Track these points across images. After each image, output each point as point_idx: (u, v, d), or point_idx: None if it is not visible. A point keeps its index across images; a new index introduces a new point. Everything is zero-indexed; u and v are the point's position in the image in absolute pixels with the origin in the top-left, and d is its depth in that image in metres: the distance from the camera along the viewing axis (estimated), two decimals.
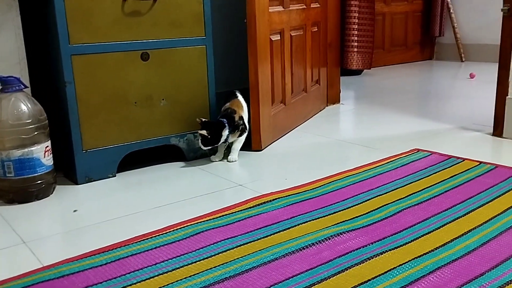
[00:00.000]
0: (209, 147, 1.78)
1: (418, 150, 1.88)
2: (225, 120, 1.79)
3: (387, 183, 1.53)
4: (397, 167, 1.68)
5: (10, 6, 1.56)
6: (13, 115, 1.43)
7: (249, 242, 1.17)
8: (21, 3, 1.60)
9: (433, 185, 1.50)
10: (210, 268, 1.05)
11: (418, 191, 1.46)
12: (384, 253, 1.09)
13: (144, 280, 1.02)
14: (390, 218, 1.28)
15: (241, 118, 1.86)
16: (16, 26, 1.58)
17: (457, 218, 1.26)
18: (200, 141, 1.76)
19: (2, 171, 1.45)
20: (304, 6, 2.33)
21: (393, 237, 1.17)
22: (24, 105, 1.46)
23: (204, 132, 1.72)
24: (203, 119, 1.76)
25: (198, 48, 1.80)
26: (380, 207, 1.35)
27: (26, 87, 1.51)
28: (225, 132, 1.77)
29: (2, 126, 1.43)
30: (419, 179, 1.55)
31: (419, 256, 1.07)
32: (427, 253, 1.09)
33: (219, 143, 1.79)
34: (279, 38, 2.06)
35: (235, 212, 1.35)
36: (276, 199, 1.42)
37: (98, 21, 1.58)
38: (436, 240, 1.15)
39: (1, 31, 1.56)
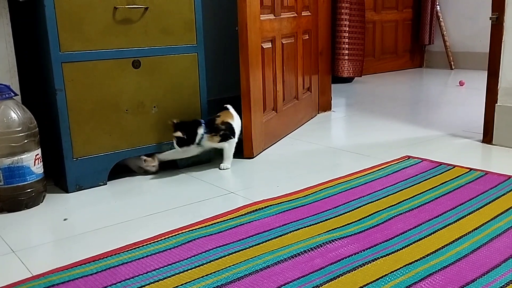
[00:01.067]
0: (185, 147, 1.74)
1: (409, 157, 1.89)
2: (202, 120, 1.78)
3: (378, 190, 1.53)
4: (388, 174, 1.68)
5: (0, 14, 1.56)
6: (2, 123, 1.42)
7: (241, 250, 1.16)
8: (11, 10, 1.59)
9: (423, 192, 1.51)
10: (202, 276, 1.05)
11: (409, 198, 1.46)
12: (376, 260, 1.09)
13: None
14: (382, 225, 1.28)
15: (225, 123, 1.82)
16: (6, 33, 1.57)
17: (448, 225, 1.27)
18: (175, 142, 1.73)
19: None
20: (295, 14, 2.34)
21: (385, 244, 1.17)
22: (14, 113, 1.44)
23: (179, 133, 1.71)
24: (175, 121, 1.74)
25: (189, 55, 1.80)
26: (371, 214, 1.35)
27: (16, 94, 1.50)
28: (200, 131, 1.75)
29: None
30: (409, 186, 1.56)
31: (410, 263, 1.08)
32: (419, 260, 1.09)
33: (195, 143, 1.75)
34: (271, 45, 2.07)
35: (227, 219, 1.34)
36: (268, 206, 1.42)
37: (89, 28, 1.57)
38: (427, 246, 1.15)
39: None
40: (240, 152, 1.94)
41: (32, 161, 1.47)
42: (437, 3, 4.59)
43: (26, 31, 1.67)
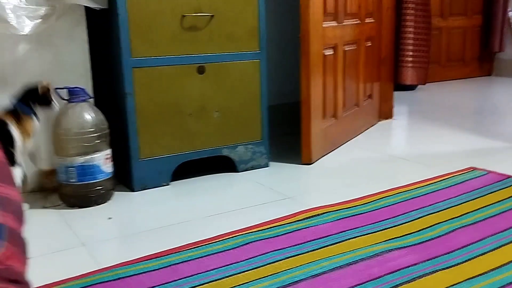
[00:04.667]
0: None
1: (474, 168, 1.82)
2: None
3: (440, 201, 1.49)
4: (451, 185, 1.64)
5: (78, 22, 1.67)
6: (78, 123, 1.52)
7: (297, 255, 1.18)
8: (86, 18, 1.69)
9: (488, 205, 1.46)
10: (259, 278, 1.07)
11: (473, 211, 1.41)
12: (435, 272, 1.07)
13: (195, 287, 1.05)
14: (443, 237, 1.25)
15: None
16: (83, 40, 1.68)
17: None
18: None
19: (66, 177, 1.54)
20: (359, 21, 2.33)
21: (445, 256, 1.15)
22: (87, 115, 1.54)
23: None
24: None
25: (252, 62, 1.84)
26: (432, 225, 1.32)
27: (90, 97, 1.60)
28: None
29: (68, 134, 1.52)
30: (474, 199, 1.51)
31: (472, 278, 1.05)
32: (481, 275, 1.06)
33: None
34: (333, 52, 2.07)
35: (284, 224, 1.36)
36: (325, 213, 1.43)
37: (158, 35, 1.65)
38: (490, 262, 1.12)
39: (70, 45, 1.66)
40: (298, 158, 1.96)
41: (102, 160, 1.56)
42: (510, 9, 4.38)
43: (99, 37, 1.77)
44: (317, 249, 1.21)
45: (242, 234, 1.30)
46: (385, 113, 2.78)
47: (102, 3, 1.63)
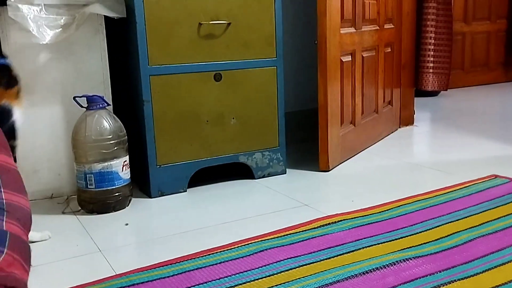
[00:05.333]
0: None
1: (496, 176, 1.78)
2: None
3: (460, 210, 1.46)
4: (472, 193, 1.60)
5: (98, 30, 1.70)
6: (96, 131, 1.55)
7: (311, 263, 1.17)
8: (105, 27, 1.72)
9: (510, 214, 1.42)
10: (272, 286, 1.07)
11: (494, 220, 1.38)
12: (452, 282, 1.05)
13: None
14: (461, 247, 1.22)
15: None
16: (102, 48, 1.71)
17: None
18: None
19: (85, 183, 1.56)
20: (377, 27, 2.31)
21: (463, 266, 1.12)
22: (106, 122, 1.56)
23: None
24: None
25: (269, 69, 1.84)
26: (451, 234, 1.30)
27: (108, 104, 1.62)
28: None
29: (86, 141, 1.54)
30: (495, 207, 1.48)
31: None
32: (500, 285, 1.03)
33: None
34: (350, 59, 2.06)
35: (299, 231, 1.35)
36: (341, 220, 1.41)
37: (175, 43, 1.67)
38: (510, 272, 1.09)
39: (89, 53, 1.70)
40: (316, 165, 1.94)
41: (120, 167, 1.58)
42: None
43: (117, 46, 1.80)
44: (331, 257, 1.19)
45: (256, 242, 1.29)
46: (406, 120, 2.74)
47: (120, 12, 1.66)
